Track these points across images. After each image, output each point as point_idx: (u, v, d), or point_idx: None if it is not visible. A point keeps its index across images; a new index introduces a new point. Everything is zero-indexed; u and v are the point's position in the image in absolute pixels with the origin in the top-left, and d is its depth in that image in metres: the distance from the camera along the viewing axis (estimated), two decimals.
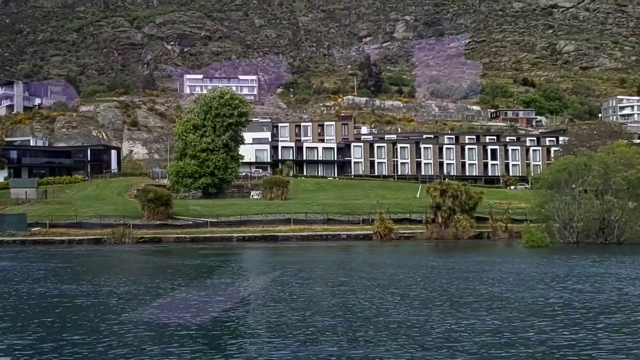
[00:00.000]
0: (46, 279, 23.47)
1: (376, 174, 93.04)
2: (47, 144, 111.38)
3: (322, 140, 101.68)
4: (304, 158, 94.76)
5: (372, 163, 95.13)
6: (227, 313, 15.59)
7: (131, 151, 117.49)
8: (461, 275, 25.37)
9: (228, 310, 16.09)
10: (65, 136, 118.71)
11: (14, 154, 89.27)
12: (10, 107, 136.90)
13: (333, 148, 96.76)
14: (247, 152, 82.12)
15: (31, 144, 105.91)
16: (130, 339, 12.08)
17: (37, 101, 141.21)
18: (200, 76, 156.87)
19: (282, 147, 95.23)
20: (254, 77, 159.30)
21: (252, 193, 74.48)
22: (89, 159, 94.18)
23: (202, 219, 56.48)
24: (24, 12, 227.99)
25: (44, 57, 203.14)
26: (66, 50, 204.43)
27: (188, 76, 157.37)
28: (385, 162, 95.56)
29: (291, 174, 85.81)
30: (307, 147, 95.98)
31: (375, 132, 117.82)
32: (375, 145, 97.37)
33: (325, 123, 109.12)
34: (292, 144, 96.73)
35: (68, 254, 40.77)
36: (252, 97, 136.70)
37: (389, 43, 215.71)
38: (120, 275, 26.53)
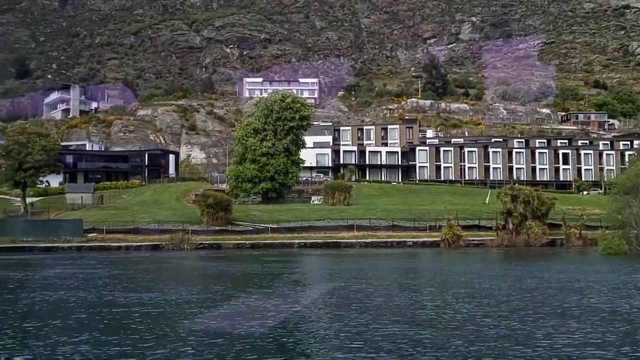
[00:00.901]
0: (105, 286, 23.78)
1: (442, 178, 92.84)
2: (103, 149, 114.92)
3: (386, 144, 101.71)
4: (367, 162, 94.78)
5: (437, 167, 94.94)
6: (289, 321, 15.27)
7: (189, 155, 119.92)
8: (548, 284, 24.30)
9: (291, 318, 15.78)
10: (122, 140, 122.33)
11: (69, 159, 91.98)
12: (66, 111, 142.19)
13: (397, 152, 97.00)
14: (308, 156, 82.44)
15: (87, 149, 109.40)
16: (191, 347, 12.00)
17: (94, 105, 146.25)
18: (260, 79, 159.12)
19: (344, 151, 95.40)
20: (315, 80, 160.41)
21: (313, 198, 74.53)
22: (146, 163, 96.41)
23: (262, 225, 56.69)
24: (81, 15, 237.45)
25: (100, 60, 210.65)
26: (123, 54, 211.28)
27: (247, 79, 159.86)
28: (452, 167, 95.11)
29: (353, 178, 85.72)
30: (370, 151, 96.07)
31: (441, 135, 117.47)
32: (442, 149, 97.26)
33: (389, 126, 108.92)
34: (355, 148, 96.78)
35: (126, 260, 41.56)
36: (313, 100, 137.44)
37: (454, 44, 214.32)
38: (180, 283, 26.68)
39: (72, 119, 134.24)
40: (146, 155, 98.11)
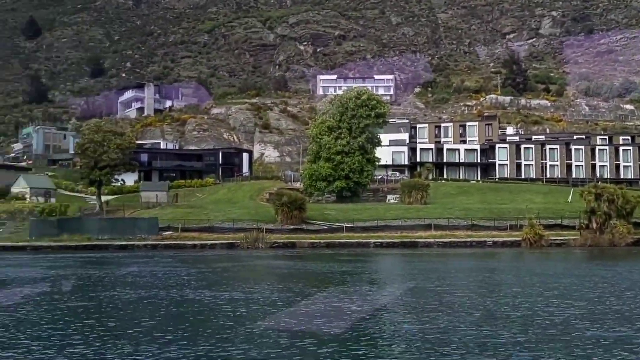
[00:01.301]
0: (184, 284, 24.14)
1: (522, 176, 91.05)
2: (177, 147, 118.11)
3: (464, 142, 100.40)
4: (444, 160, 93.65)
5: (518, 165, 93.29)
6: (368, 320, 14.96)
7: (262, 154, 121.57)
8: None
9: (369, 317, 15.48)
10: (196, 139, 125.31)
11: (144, 157, 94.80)
12: (140, 110, 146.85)
13: (476, 150, 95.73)
14: (384, 154, 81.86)
15: (161, 147, 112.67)
16: (265, 346, 12.00)
17: (168, 104, 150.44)
18: (334, 76, 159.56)
19: (421, 148, 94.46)
20: (390, 77, 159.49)
21: (389, 197, 73.98)
22: (220, 162, 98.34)
23: (337, 224, 56.63)
24: (155, 14, 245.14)
25: (174, 59, 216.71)
26: (197, 52, 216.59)
27: (321, 77, 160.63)
28: (532, 165, 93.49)
29: (430, 177, 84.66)
30: (447, 149, 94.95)
31: (522, 132, 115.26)
32: (522, 146, 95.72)
33: (467, 123, 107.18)
34: (432, 146, 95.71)
35: (202, 258, 42.29)
36: (388, 97, 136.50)
37: (534, 39, 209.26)
38: (258, 281, 26.86)
39: (146, 117, 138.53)
40: (220, 154, 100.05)
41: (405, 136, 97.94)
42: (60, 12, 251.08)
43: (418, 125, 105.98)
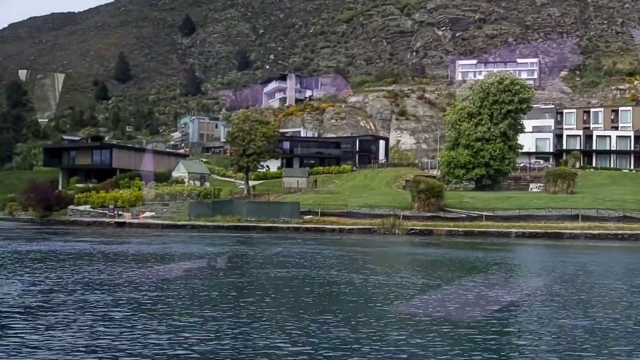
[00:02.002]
0: (327, 266, 25.03)
1: None
2: (316, 135, 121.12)
3: (616, 128, 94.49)
4: (594, 148, 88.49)
5: None
6: (503, 310, 14.66)
7: (399, 141, 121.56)
8: None
9: (505, 307, 15.16)
10: (334, 127, 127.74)
11: (286, 145, 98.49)
12: (283, 100, 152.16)
13: (629, 137, 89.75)
14: (527, 141, 78.96)
15: (302, 135, 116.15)
16: (396, 330, 12.03)
17: (308, 93, 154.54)
18: (474, 61, 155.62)
19: (568, 135, 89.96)
20: (534, 60, 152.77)
21: (531, 186, 71.34)
22: (357, 149, 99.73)
23: (476, 212, 55.55)
24: (297, 6, 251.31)
25: (314, 49, 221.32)
26: (335, 42, 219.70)
27: (460, 62, 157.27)
28: None
29: (577, 165, 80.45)
30: (597, 136, 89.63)
31: None
32: None
33: (620, 108, 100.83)
34: (580, 132, 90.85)
35: (341, 241, 43.34)
36: (532, 82, 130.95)
37: None
38: (395, 266, 27.20)
39: (288, 107, 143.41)
40: (357, 141, 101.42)
41: (550, 122, 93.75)
42: (212, 9, 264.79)
43: (565, 111, 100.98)
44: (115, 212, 65.16)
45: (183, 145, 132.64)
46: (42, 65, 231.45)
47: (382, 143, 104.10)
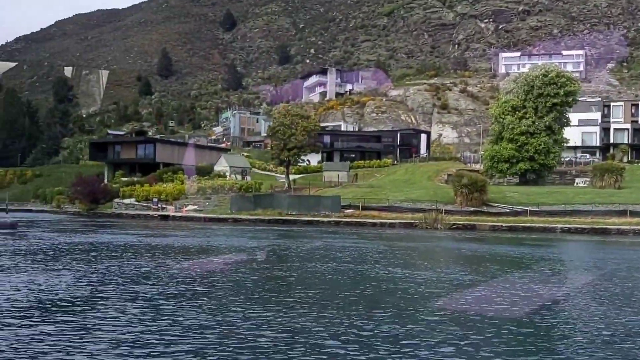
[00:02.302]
0: (371, 261, 24.91)
1: None
2: (356, 129, 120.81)
3: None
4: None
5: None
6: (549, 307, 14.30)
7: (440, 135, 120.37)
8: None
9: (552, 304, 14.79)
10: (375, 121, 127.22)
11: (327, 139, 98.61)
12: (323, 94, 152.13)
13: None
14: (572, 135, 77.35)
15: (342, 129, 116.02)
16: (439, 326, 11.87)
17: (348, 87, 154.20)
18: (517, 54, 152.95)
19: (615, 129, 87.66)
20: (580, 52, 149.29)
21: (577, 180, 69.91)
22: (398, 143, 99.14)
23: (521, 207, 54.65)
24: (337, 0, 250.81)
25: (354, 43, 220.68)
26: (376, 35, 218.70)
27: (504, 54, 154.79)
28: None
29: (625, 159, 78.41)
30: None
31: None
32: None
33: None
34: (627, 126, 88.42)
35: (383, 236, 43.13)
36: (578, 74, 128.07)
37: None
38: (438, 261, 26.93)
39: (328, 101, 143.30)
40: (398, 135, 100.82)
41: (597, 115, 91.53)
42: (253, 4, 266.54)
43: (612, 104, 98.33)
44: (159, 206, 66.24)
45: (224, 139, 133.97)
46: (87, 61, 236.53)
47: (423, 137, 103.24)
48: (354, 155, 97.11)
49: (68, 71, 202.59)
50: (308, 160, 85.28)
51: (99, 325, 10.61)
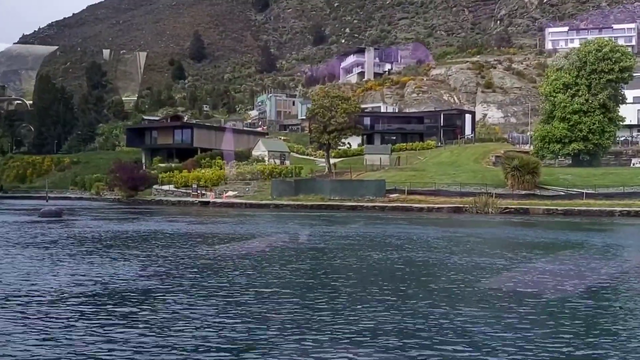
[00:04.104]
0: (428, 247, 24.52)
1: None
2: (397, 110, 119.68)
3: None
4: None
5: None
6: (587, 291, 14.08)
7: (485, 115, 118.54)
8: None
9: (589, 287, 14.58)
10: (415, 101, 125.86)
11: (367, 121, 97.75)
12: (361, 74, 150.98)
13: None
14: (628, 113, 75.19)
15: (381, 110, 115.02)
16: (485, 304, 12.14)
17: (387, 67, 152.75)
18: (565, 28, 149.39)
19: None
20: (632, 26, 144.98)
21: (634, 161, 68.22)
22: (441, 124, 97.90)
23: (575, 190, 53.43)
24: None
25: (391, 21, 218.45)
26: (414, 13, 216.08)
27: (550, 29, 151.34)
28: None
29: None
30: None
31: None
32: None
33: None
34: None
35: (434, 221, 42.52)
36: (630, 49, 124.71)
37: None
38: (497, 247, 26.38)
39: (366, 81, 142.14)
40: (441, 116, 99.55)
41: None
42: None
43: None
44: (199, 192, 66.67)
45: (260, 123, 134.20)
46: (120, 46, 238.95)
47: (467, 117, 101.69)
48: (395, 138, 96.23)
49: (105, 54, 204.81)
50: (349, 143, 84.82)
51: (166, 316, 10.48)
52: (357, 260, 19.27)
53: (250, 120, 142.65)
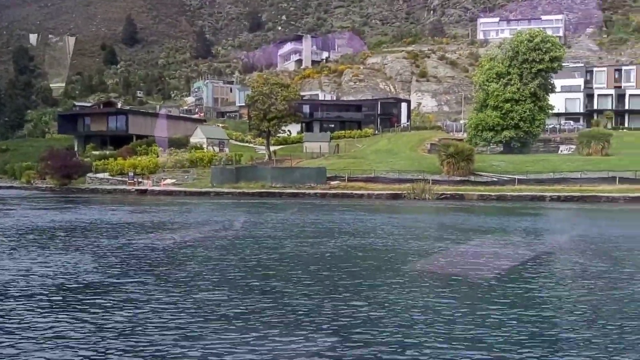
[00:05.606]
0: (371, 232, 24.89)
1: None
2: (334, 98, 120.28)
3: None
4: (626, 107, 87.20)
5: None
6: (515, 269, 15.11)
7: (420, 103, 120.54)
8: None
9: (517, 266, 15.65)
10: (353, 90, 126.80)
11: (306, 109, 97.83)
12: (299, 62, 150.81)
13: None
14: (556, 101, 78.03)
15: (320, 98, 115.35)
16: (415, 286, 12.83)
17: (324, 55, 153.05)
18: (496, 19, 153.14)
19: (599, 95, 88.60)
20: (560, 17, 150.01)
21: (561, 148, 70.86)
22: (378, 112, 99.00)
23: (508, 176, 55.23)
24: None
25: (327, 9, 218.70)
26: (349, 1, 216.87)
27: (482, 20, 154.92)
28: None
29: (609, 125, 79.54)
30: (630, 95, 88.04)
31: None
32: None
33: None
34: (611, 92, 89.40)
35: (370, 207, 43.13)
36: (557, 40, 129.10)
37: None
38: (438, 230, 27.08)
39: (304, 69, 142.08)
40: (378, 104, 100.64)
41: (580, 81, 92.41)
42: None
43: (595, 69, 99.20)
44: (135, 180, 65.36)
45: (197, 110, 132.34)
46: (48, 30, 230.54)
47: (404, 106, 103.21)
48: (333, 126, 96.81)
49: (32, 39, 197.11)
50: (289, 130, 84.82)
51: (128, 308, 10.43)
52: (291, 249, 19.41)
53: (186, 107, 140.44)
